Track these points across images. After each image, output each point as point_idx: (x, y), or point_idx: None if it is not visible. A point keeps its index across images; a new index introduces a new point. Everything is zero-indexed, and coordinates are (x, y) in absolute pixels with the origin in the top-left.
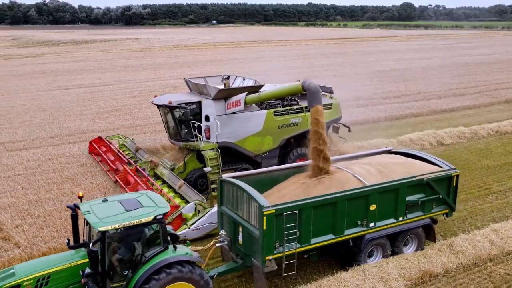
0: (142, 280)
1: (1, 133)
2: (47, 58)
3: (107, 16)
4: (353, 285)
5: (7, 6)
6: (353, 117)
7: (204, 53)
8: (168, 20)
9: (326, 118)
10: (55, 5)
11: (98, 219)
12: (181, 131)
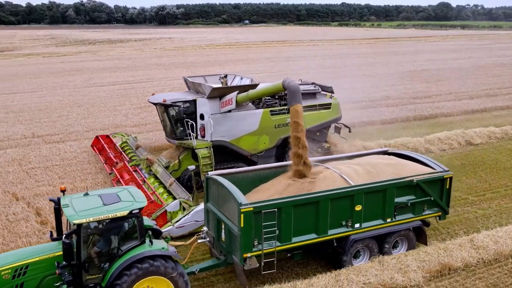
0: (116, 272)
1: (41, 127)
2: (84, 57)
3: (141, 16)
4: (372, 275)
5: (47, 6)
6: (381, 116)
7: (235, 53)
8: (201, 19)
9: (325, 118)
10: (92, 5)
11: (75, 212)
12: (176, 129)
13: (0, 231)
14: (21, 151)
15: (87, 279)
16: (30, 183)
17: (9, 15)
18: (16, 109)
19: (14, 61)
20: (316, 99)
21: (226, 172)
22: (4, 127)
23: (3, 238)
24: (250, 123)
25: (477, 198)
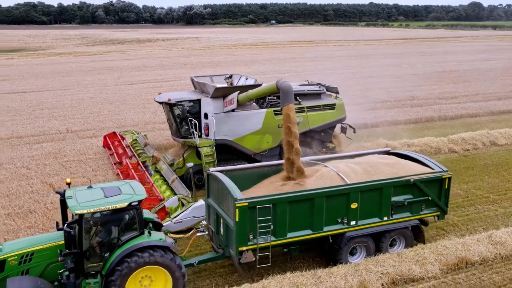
0: (115, 261)
1: (74, 123)
2: (113, 56)
3: (169, 16)
4: (390, 266)
5: (77, 6)
6: (406, 116)
7: (261, 52)
8: (228, 19)
9: (329, 118)
10: (121, 5)
11: (77, 203)
12: (181, 128)
13: (40, 218)
14: (56, 145)
15: (88, 267)
16: (65, 174)
17: (42, 15)
18: (50, 106)
19: (47, 60)
20: (320, 99)
21: (227, 168)
22: (40, 122)
23: (43, 224)
24: (253, 122)
25: (498, 197)
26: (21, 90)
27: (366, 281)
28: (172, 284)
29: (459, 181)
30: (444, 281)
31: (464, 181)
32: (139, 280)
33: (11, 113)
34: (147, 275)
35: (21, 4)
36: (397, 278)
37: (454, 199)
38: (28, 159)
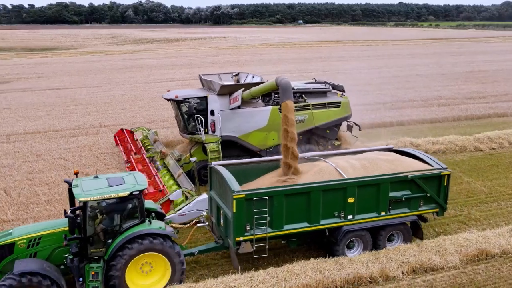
0: (117, 247)
1: (106, 118)
2: (143, 54)
3: (197, 16)
4: (411, 255)
5: (108, 6)
6: (432, 115)
7: (288, 52)
8: (255, 19)
9: (334, 116)
10: (150, 5)
11: (82, 191)
12: (188, 124)
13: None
14: (91, 138)
15: (91, 252)
16: (100, 166)
17: (73, 15)
18: (84, 102)
19: (79, 58)
20: (326, 97)
21: (229, 162)
22: (75, 117)
23: None
24: (259, 119)
25: None
26: (56, 87)
27: (387, 269)
28: (171, 271)
29: (483, 178)
30: (464, 271)
31: (488, 178)
32: (140, 266)
33: (47, 109)
34: (148, 262)
35: (54, 5)
36: (417, 267)
37: (477, 195)
38: (65, 151)
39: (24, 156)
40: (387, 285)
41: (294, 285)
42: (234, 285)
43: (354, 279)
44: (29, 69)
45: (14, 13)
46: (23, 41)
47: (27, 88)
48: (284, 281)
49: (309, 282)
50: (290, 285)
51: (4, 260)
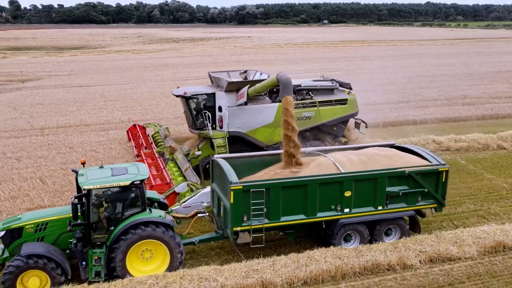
0: (118, 234)
1: (134, 113)
2: (169, 53)
3: (222, 16)
4: (428, 245)
5: (134, 6)
6: (456, 113)
7: (313, 51)
8: (280, 19)
9: (340, 113)
10: (176, 5)
11: (87, 180)
12: (197, 120)
13: None
14: (119, 132)
15: (94, 237)
16: (129, 158)
17: (101, 15)
18: (112, 98)
19: (107, 57)
20: (333, 94)
21: (231, 156)
22: (104, 113)
23: None
24: (266, 116)
25: None
26: (85, 84)
27: (405, 257)
28: (169, 259)
29: (505, 175)
30: (481, 262)
31: (510, 176)
32: (141, 252)
33: (78, 104)
34: (148, 249)
35: (82, 5)
36: (435, 257)
37: (498, 192)
38: (96, 144)
39: (58, 148)
40: (405, 272)
41: (314, 269)
42: (257, 269)
43: (372, 266)
44: (59, 67)
45: (44, 13)
46: (53, 40)
47: (58, 85)
48: (304, 266)
49: (329, 268)
50: (311, 270)
51: (13, 243)
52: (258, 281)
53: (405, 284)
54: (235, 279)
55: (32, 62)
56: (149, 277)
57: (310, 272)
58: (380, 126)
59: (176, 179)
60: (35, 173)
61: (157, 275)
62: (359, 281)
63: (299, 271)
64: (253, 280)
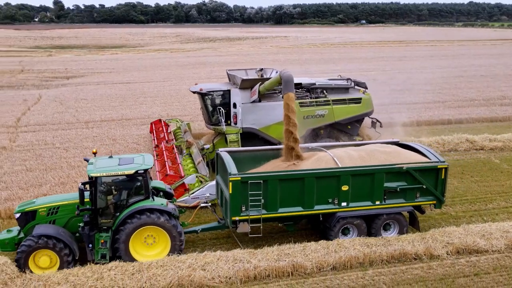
0: (122, 219)
1: (173, 109)
2: (206, 52)
3: (258, 16)
4: (456, 237)
5: (173, 6)
6: (492, 113)
7: (349, 51)
8: (317, 19)
9: (354, 111)
10: (213, 5)
11: (94, 168)
12: (212, 116)
13: None
14: None
15: (101, 222)
16: None
17: (140, 14)
18: (152, 95)
19: (146, 55)
20: (347, 93)
21: (236, 150)
22: (144, 108)
23: None
24: (278, 113)
25: None
26: (126, 81)
27: (432, 248)
28: (170, 246)
29: None
30: (508, 255)
31: None
32: (144, 238)
33: (119, 100)
34: (151, 235)
35: (122, 5)
36: (462, 248)
37: None
38: (137, 136)
39: (102, 140)
40: (431, 262)
41: (344, 256)
42: (288, 253)
43: (400, 255)
44: (101, 64)
45: (86, 12)
46: (94, 39)
47: (100, 81)
48: (334, 252)
49: (357, 255)
50: (340, 256)
51: (28, 224)
52: (289, 264)
53: (431, 273)
54: (267, 262)
55: (76, 60)
56: (189, 256)
57: (339, 258)
58: (414, 125)
59: (189, 172)
60: (81, 162)
61: (197, 256)
62: (386, 269)
63: (329, 256)
64: (284, 263)
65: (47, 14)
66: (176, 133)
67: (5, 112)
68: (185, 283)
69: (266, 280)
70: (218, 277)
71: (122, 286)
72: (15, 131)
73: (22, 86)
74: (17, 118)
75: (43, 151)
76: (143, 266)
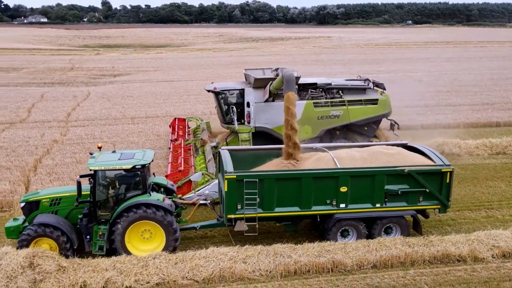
0: (119, 212)
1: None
2: (248, 52)
3: (302, 16)
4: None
5: (216, 6)
6: None
7: (394, 52)
8: (361, 19)
9: (371, 113)
10: (256, 5)
11: (95, 161)
12: (227, 115)
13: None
14: None
15: (99, 214)
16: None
17: (184, 14)
18: (195, 93)
19: (190, 55)
20: (364, 94)
21: (239, 148)
22: (188, 105)
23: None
24: None
25: None
26: (170, 79)
27: (477, 250)
28: (165, 242)
29: None
30: None
31: None
32: (141, 232)
33: (164, 97)
34: (148, 229)
35: (167, 5)
36: (508, 252)
37: None
38: None
39: (147, 135)
40: (476, 265)
41: (384, 254)
42: (329, 249)
43: (442, 256)
44: (147, 63)
45: (132, 13)
46: (140, 38)
47: (145, 79)
48: (375, 250)
49: (399, 254)
50: (381, 254)
51: (31, 214)
52: (329, 260)
53: (475, 275)
54: (308, 257)
55: (122, 59)
56: (231, 249)
57: (380, 257)
58: (460, 127)
59: (197, 169)
60: None
61: (238, 249)
62: (428, 269)
63: (369, 254)
64: (325, 259)
65: (95, 14)
66: (195, 131)
67: (57, 107)
68: (227, 275)
69: (306, 275)
70: (259, 270)
71: (166, 274)
72: (66, 126)
73: (72, 83)
74: (68, 113)
75: (92, 145)
76: (187, 256)
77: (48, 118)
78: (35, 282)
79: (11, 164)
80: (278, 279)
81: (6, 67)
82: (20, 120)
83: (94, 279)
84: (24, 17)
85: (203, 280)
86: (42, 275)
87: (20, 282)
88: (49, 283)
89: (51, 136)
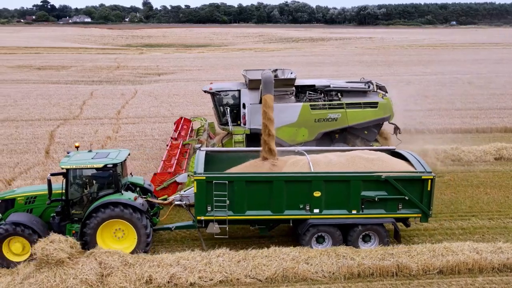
0: (90, 211)
1: None
2: (290, 52)
3: (341, 16)
4: None
5: (255, 6)
6: None
7: (439, 53)
8: (403, 20)
9: (370, 116)
10: (295, 6)
11: (68, 160)
12: (223, 116)
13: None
14: None
15: (72, 213)
16: None
17: (223, 15)
18: None
19: (231, 54)
20: (365, 97)
21: (221, 150)
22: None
23: None
24: (289, 115)
25: None
26: (213, 78)
27: None
28: (137, 240)
29: None
30: None
31: None
32: (114, 231)
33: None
34: (121, 229)
35: (207, 5)
36: None
37: None
38: None
39: None
40: None
41: (451, 260)
42: (392, 253)
43: None
44: (189, 62)
45: (172, 13)
46: (180, 38)
47: (190, 78)
48: (441, 255)
49: (466, 260)
50: (447, 260)
51: (7, 212)
52: (394, 264)
53: None
54: (371, 260)
55: (165, 58)
56: (293, 249)
57: (446, 262)
58: (488, 132)
59: (191, 169)
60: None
61: (300, 249)
62: (497, 277)
63: (435, 259)
64: (389, 262)
65: (136, 14)
66: (199, 131)
67: (107, 105)
68: (289, 275)
69: (370, 278)
70: (322, 272)
71: (229, 272)
72: (117, 123)
73: (119, 82)
74: (118, 110)
75: (144, 142)
76: (249, 255)
77: (99, 115)
78: (103, 276)
79: None
80: (342, 281)
81: (56, 65)
82: (74, 116)
83: (159, 274)
84: (69, 17)
85: (266, 279)
86: (109, 270)
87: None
88: (116, 277)
89: (104, 132)
